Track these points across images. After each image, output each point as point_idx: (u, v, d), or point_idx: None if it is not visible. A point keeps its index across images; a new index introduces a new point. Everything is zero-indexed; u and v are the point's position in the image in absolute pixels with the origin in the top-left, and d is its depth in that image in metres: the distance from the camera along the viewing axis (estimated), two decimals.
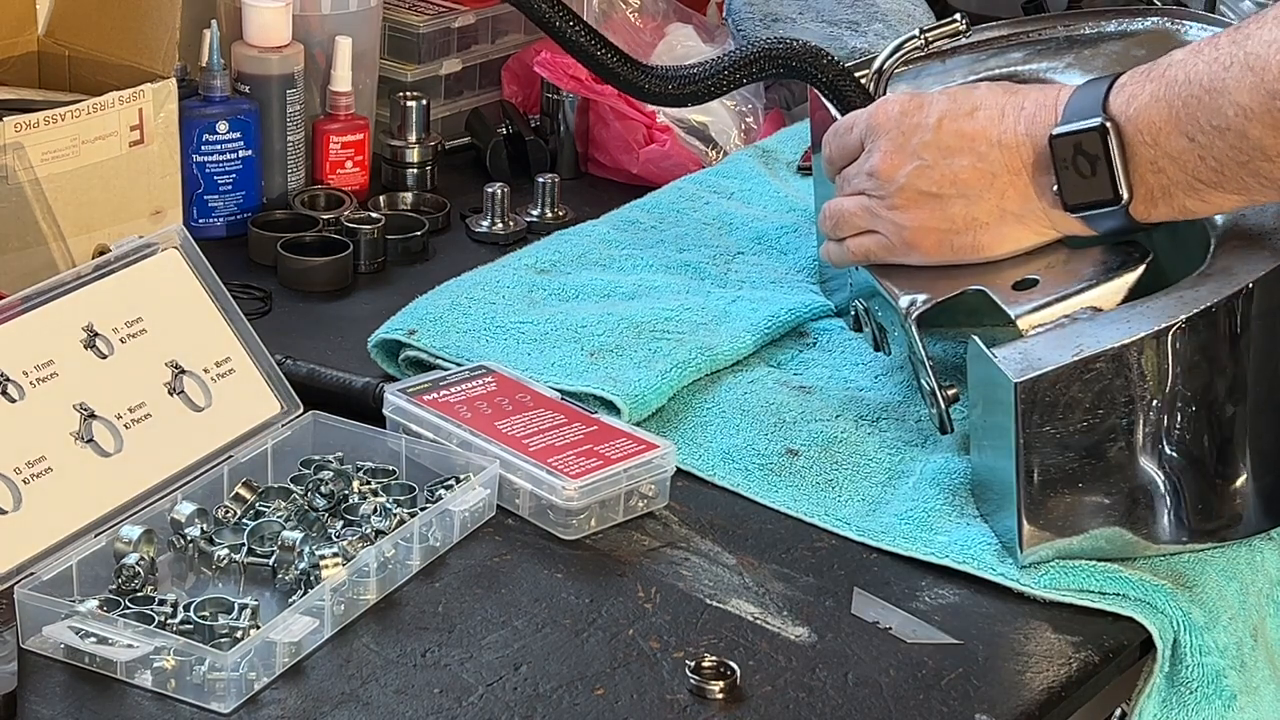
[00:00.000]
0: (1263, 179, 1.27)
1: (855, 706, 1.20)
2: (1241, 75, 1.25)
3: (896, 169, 1.41)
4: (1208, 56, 1.28)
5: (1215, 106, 1.26)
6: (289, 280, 1.68)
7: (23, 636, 1.20)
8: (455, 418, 1.39)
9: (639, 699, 1.20)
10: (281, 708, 1.17)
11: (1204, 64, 1.27)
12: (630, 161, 1.91)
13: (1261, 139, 1.25)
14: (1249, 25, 1.27)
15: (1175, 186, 1.31)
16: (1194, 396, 1.30)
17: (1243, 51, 1.25)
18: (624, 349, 1.50)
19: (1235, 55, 1.26)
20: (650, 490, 1.38)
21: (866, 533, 1.36)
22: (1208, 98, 1.27)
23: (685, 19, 2.05)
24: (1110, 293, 1.35)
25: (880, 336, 1.52)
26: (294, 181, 1.79)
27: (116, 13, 1.73)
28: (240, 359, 1.41)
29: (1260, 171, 1.27)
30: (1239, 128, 1.26)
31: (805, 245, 1.70)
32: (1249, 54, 1.25)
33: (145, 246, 1.40)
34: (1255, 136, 1.25)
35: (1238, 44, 1.26)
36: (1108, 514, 1.31)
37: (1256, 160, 1.26)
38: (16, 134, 1.54)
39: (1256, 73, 1.24)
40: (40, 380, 1.31)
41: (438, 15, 1.95)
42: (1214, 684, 1.30)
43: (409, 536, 1.30)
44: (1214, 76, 1.26)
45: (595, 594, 1.29)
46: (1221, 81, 1.26)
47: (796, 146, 1.88)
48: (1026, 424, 1.28)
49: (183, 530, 1.29)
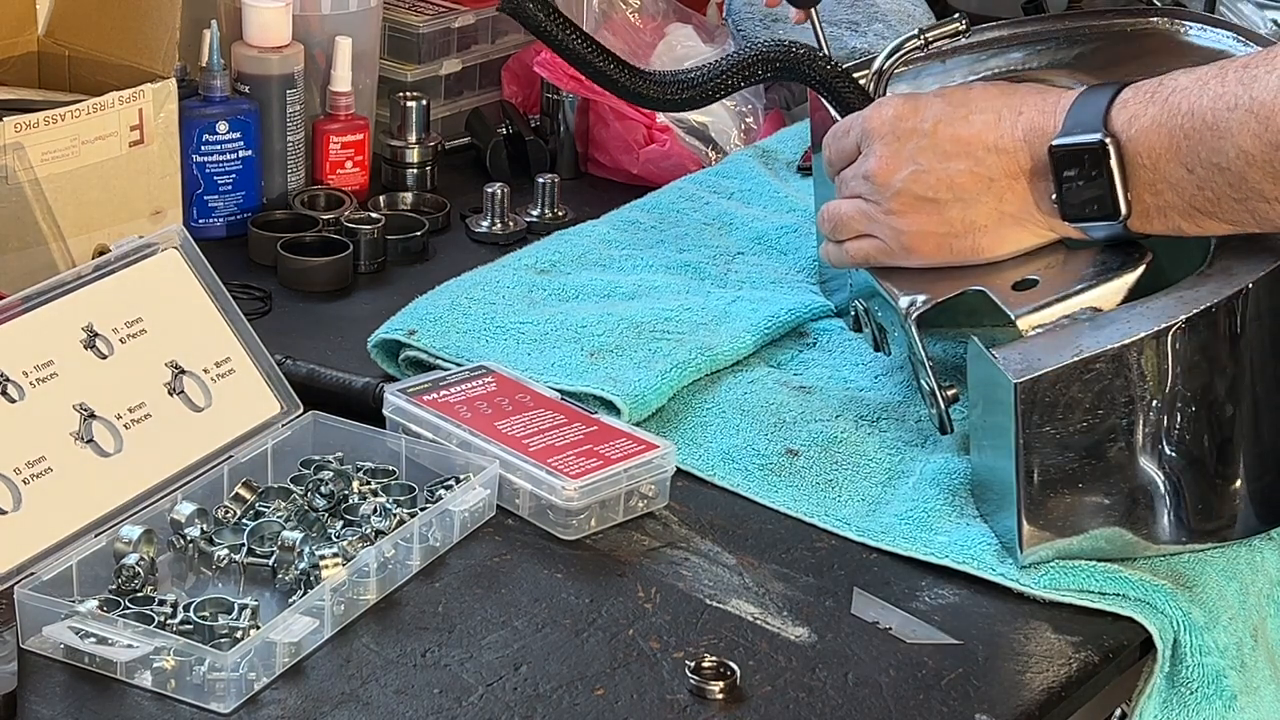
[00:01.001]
0: (1258, 217, 1.28)
1: (855, 706, 1.20)
2: (1245, 120, 1.25)
3: (892, 174, 1.41)
4: (1213, 92, 1.27)
5: (1217, 146, 1.26)
6: (289, 280, 1.68)
7: (23, 636, 1.20)
8: (455, 418, 1.39)
9: (639, 699, 1.20)
10: (281, 708, 1.17)
11: (1209, 100, 1.27)
12: (630, 161, 1.91)
13: (1260, 184, 1.25)
14: (1258, 65, 1.26)
15: (1172, 209, 1.31)
16: (1194, 397, 1.30)
17: (1249, 95, 1.25)
18: (624, 349, 1.50)
19: (1241, 98, 1.25)
20: (650, 490, 1.38)
21: (866, 533, 1.36)
22: (1210, 135, 1.26)
23: (685, 19, 2.05)
24: (1110, 293, 1.35)
25: (880, 337, 1.52)
26: (294, 181, 1.79)
27: (116, 13, 1.73)
28: (240, 359, 1.41)
29: (1256, 210, 1.27)
30: (1239, 170, 1.26)
31: (805, 245, 1.70)
32: (1254, 99, 1.24)
33: (145, 246, 1.40)
34: (1254, 180, 1.25)
35: (1245, 85, 1.25)
36: (1108, 514, 1.31)
37: (1254, 200, 1.27)
38: (16, 134, 1.54)
39: (1261, 120, 1.24)
40: (40, 380, 1.31)
41: (438, 15, 1.95)
42: (1214, 684, 1.30)
43: (409, 536, 1.30)
44: (1218, 115, 1.26)
45: (595, 594, 1.29)
46: (1225, 122, 1.26)
47: (796, 146, 1.88)
48: (1026, 424, 1.28)
49: (183, 530, 1.29)
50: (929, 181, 1.39)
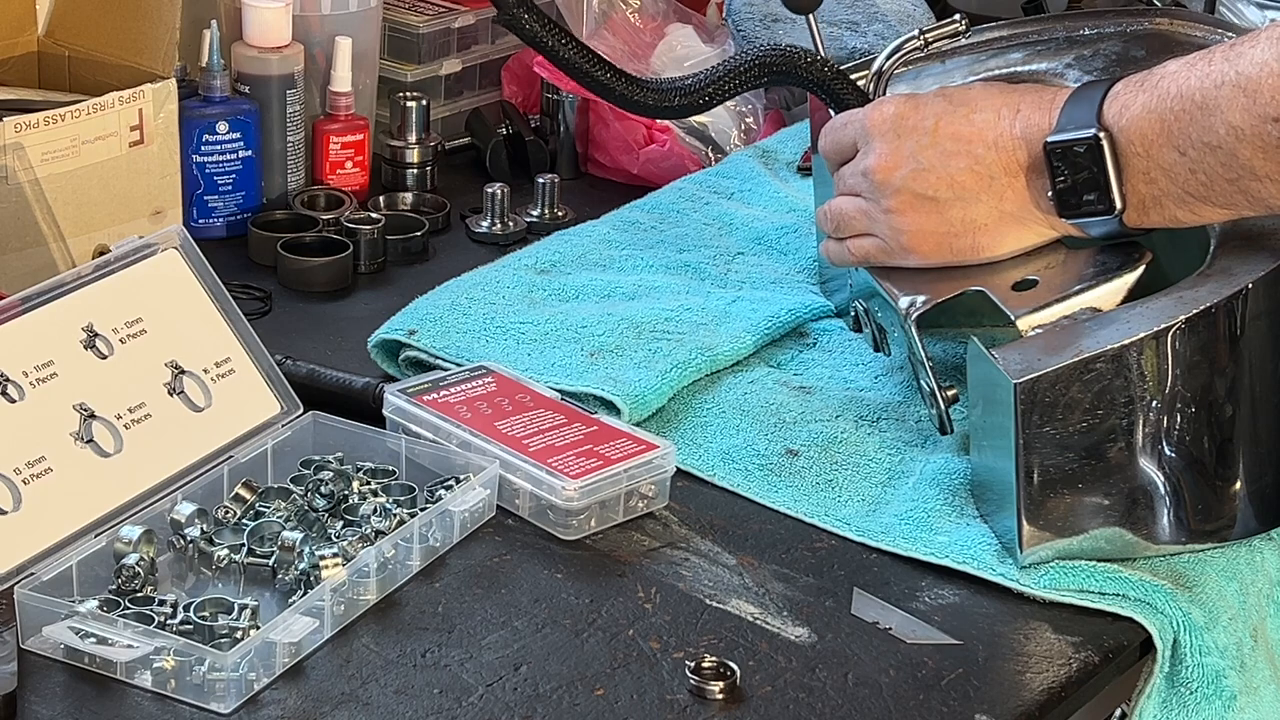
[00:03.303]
0: (1251, 197, 1.28)
1: (855, 706, 1.20)
2: (1233, 95, 1.25)
3: (892, 172, 1.41)
4: (1200, 72, 1.28)
5: (1207, 124, 1.26)
6: (289, 280, 1.68)
7: (23, 637, 1.20)
8: (455, 418, 1.39)
9: (639, 699, 1.20)
10: (281, 708, 1.17)
11: (1196, 79, 1.27)
12: (630, 161, 1.91)
13: (1251, 160, 1.25)
14: (1243, 43, 1.27)
15: (1166, 197, 1.31)
16: (1193, 397, 1.30)
17: (1234, 70, 1.25)
18: (624, 349, 1.50)
19: (1227, 74, 1.26)
20: (650, 490, 1.38)
21: (866, 533, 1.36)
22: (1199, 114, 1.27)
23: (685, 19, 2.05)
24: (1110, 293, 1.35)
25: (880, 337, 1.52)
26: (294, 182, 1.79)
27: (116, 13, 1.73)
28: (240, 359, 1.41)
29: (1249, 190, 1.27)
30: (1229, 147, 1.26)
31: (805, 245, 1.70)
32: (1240, 74, 1.25)
33: (145, 247, 1.40)
34: (1245, 157, 1.26)
35: (1230, 62, 1.26)
36: (1107, 514, 1.31)
37: (1245, 179, 1.27)
38: (16, 134, 1.54)
39: (1248, 94, 1.24)
40: (40, 380, 1.31)
41: (438, 15, 1.95)
42: (1214, 684, 1.30)
43: (409, 537, 1.30)
44: (1206, 94, 1.26)
45: (595, 594, 1.29)
46: (1214, 99, 1.26)
47: (796, 146, 1.88)
48: (1026, 424, 1.28)
49: (183, 530, 1.29)
50: (929, 180, 1.39)
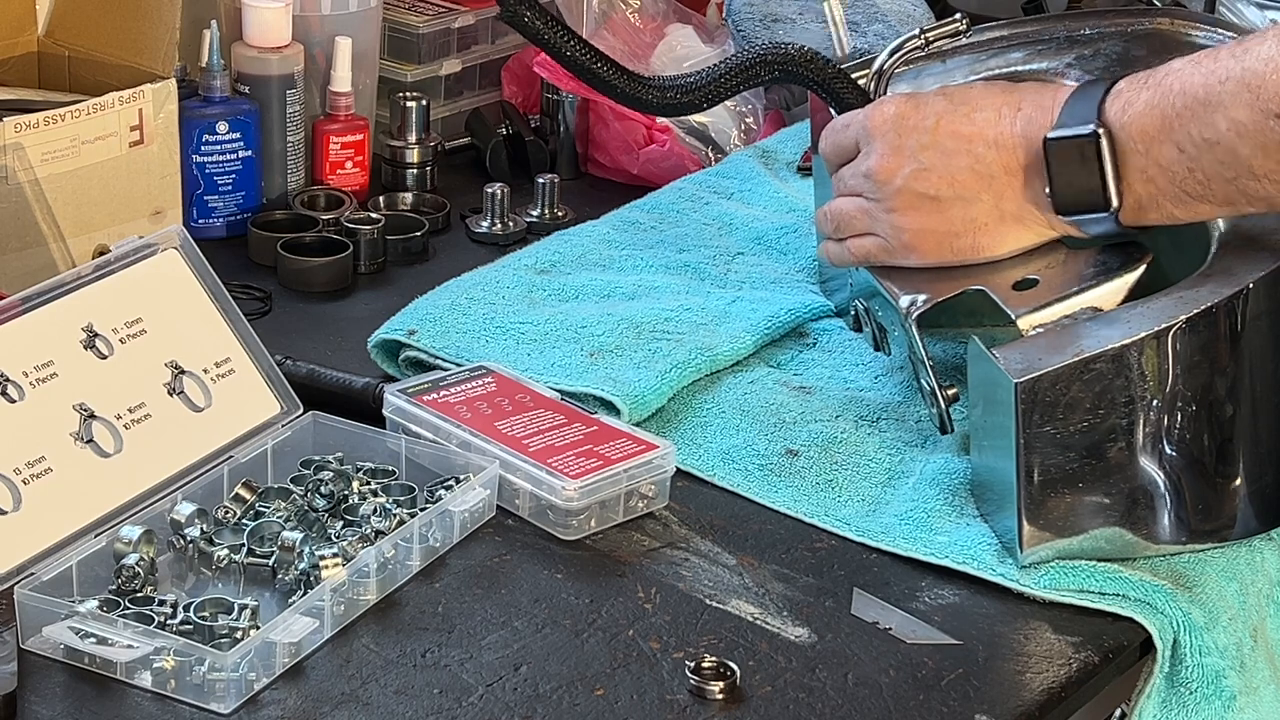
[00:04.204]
0: (1248, 195, 1.28)
1: (855, 707, 1.20)
2: (1237, 91, 1.25)
3: (894, 171, 1.41)
4: (1205, 68, 1.28)
5: (1208, 120, 1.26)
6: (289, 280, 1.68)
7: (23, 637, 1.20)
8: (455, 418, 1.39)
9: (639, 699, 1.20)
10: (281, 708, 1.17)
11: (1201, 76, 1.27)
12: (630, 162, 1.91)
13: (1250, 158, 1.25)
14: (1250, 40, 1.26)
15: (1163, 196, 1.31)
16: (1194, 396, 1.30)
17: (1240, 66, 1.25)
18: (624, 349, 1.50)
19: (1232, 70, 1.26)
20: (650, 490, 1.38)
21: (866, 533, 1.36)
22: (1201, 110, 1.27)
23: (685, 19, 2.05)
24: (1110, 293, 1.35)
25: (880, 336, 1.52)
26: (294, 182, 1.79)
27: (116, 13, 1.73)
28: (240, 359, 1.41)
29: (1246, 189, 1.27)
30: (1229, 143, 1.26)
31: (805, 245, 1.70)
32: (1246, 69, 1.25)
33: (145, 247, 1.40)
34: (1244, 155, 1.26)
35: (1237, 58, 1.26)
36: (1108, 514, 1.31)
37: (1243, 178, 1.27)
38: (16, 134, 1.54)
39: (1253, 90, 1.24)
40: (40, 380, 1.31)
41: (438, 15, 1.95)
42: (1214, 684, 1.30)
43: (409, 537, 1.30)
44: (1209, 89, 1.26)
45: (595, 594, 1.29)
46: (1217, 95, 1.26)
47: (796, 146, 1.88)
48: (1027, 424, 1.28)
49: (182, 530, 1.29)
50: (930, 179, 1.39)
